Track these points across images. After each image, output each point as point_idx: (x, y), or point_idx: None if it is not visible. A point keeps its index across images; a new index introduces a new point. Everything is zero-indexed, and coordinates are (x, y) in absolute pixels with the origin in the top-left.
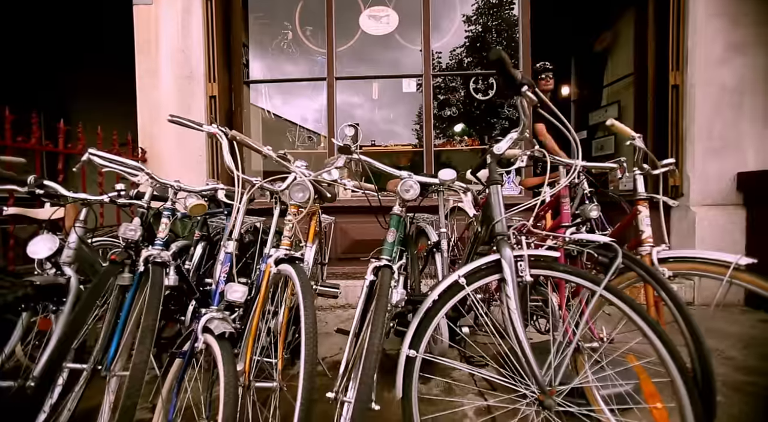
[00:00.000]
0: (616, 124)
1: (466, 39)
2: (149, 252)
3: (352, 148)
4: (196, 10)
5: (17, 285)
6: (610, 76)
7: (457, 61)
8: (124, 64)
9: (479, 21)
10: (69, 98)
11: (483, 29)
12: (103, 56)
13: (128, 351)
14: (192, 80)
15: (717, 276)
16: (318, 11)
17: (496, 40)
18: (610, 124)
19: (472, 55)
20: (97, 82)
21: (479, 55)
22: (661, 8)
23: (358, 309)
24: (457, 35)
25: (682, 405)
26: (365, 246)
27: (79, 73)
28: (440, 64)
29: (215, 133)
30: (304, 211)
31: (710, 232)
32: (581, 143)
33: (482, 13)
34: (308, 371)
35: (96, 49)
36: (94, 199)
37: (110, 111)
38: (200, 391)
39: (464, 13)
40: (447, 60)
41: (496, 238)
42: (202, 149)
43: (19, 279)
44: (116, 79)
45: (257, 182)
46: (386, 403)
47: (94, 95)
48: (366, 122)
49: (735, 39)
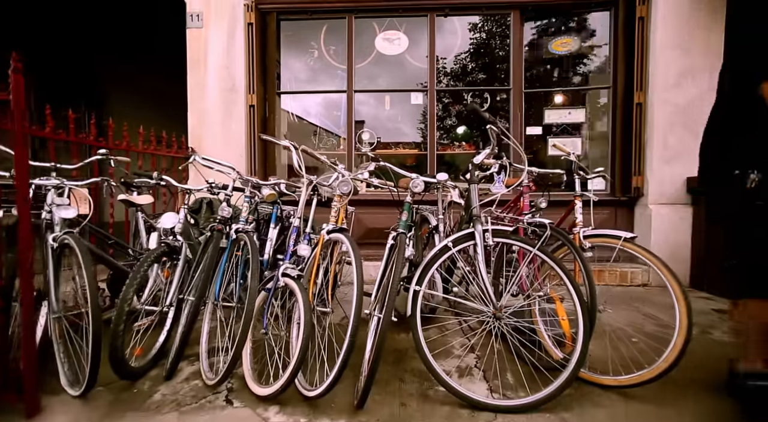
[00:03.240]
0: (558, 145)
1: (466, 58)
2: (238, 226)
3: (380, 159)
4: (239, 33)
5: (156, 247)
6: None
7: (458, 77)
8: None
9: (477, 44)
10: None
11: (480, 50)
12: (151, 58)
13: (224, 288)
14: (234, 92)
15: (613, 244)
16: (340, 33)
17: (489, 59)
18: (552, 144)
19: (469, 73)
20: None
21: (476, 73)
22: (628, 38)
23: (383, 261)
24: (458, 56)
25: (578, 319)
26: (377, 233)
27: (121, 71)
28: (443, 79)
29: (289, 146)
30: (346, 199)
31: (664, 225)
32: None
33: (479, 38)
34: (359, 297)
35: (147, 50)
36: (196, 188)
37: (140, 107)
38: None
39: (464, 38)
40: (449, 75)
41: (472, 218)
42: (242, 150)
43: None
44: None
45: (314, 180)
46: (396, 332)
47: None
48: (379, 128)
49: (686, 66)
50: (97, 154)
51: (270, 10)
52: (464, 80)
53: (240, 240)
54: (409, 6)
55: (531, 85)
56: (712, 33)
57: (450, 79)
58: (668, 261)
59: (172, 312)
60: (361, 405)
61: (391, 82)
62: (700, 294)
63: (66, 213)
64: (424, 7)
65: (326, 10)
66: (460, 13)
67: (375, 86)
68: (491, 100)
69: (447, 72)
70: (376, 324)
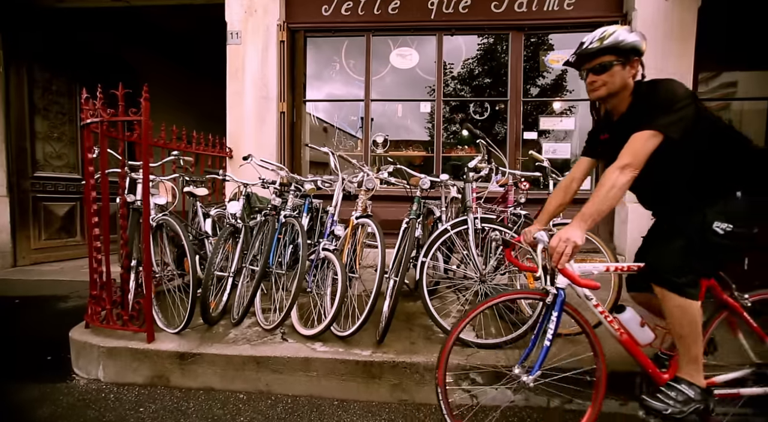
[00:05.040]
0: (534, 154)
1: (469, 71)
2: (286, 212)
3: (396, 162)
4: (272, 48)
5: (226, 228)
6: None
7: (462, 89)
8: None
9: (479, 59)
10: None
11: (481, 65)
12: (187, 68)
13: (277, 260)
14: (268, 100)
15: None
16: (359, 49)
17: (490, 72)
18: (530, 154)
19: (472, 84)
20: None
21: (479, 86)
22: None
23: (398, 240)
24: (462, 69)
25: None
26: (389, 224)
27: (162, 76)
28: (449, 89)
29: (328, 152)
30: (370, 193)
31: (638, 221)
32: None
33: (481, 54)
34: (382, 261)
35: (184, 61)
36: (252, 183)
37: (175, 111)
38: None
39: (468, 54)
40: (454, 87)
41: (466, 209)
42: (273, 150)
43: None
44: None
45: (345, 178)
46: (406, 301)
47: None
48: (392, 132)
49: None
50: (171, 155)
51: (298, 29)
52: (468, 91)
53: (288, 223)
54: (420, 26)
55: (527, 94)
56: (682, 58)
57: (455, 90)
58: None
59: (230, 278)
60: (381, 340)
61: (403, 92)
62: None
63: (159, 200)
64: (433, 27)
65: (347, 29)
66: (464, 32)
67: (389, 96)
68: (492, 108)
69: (452, 83)
70: (392, 285)
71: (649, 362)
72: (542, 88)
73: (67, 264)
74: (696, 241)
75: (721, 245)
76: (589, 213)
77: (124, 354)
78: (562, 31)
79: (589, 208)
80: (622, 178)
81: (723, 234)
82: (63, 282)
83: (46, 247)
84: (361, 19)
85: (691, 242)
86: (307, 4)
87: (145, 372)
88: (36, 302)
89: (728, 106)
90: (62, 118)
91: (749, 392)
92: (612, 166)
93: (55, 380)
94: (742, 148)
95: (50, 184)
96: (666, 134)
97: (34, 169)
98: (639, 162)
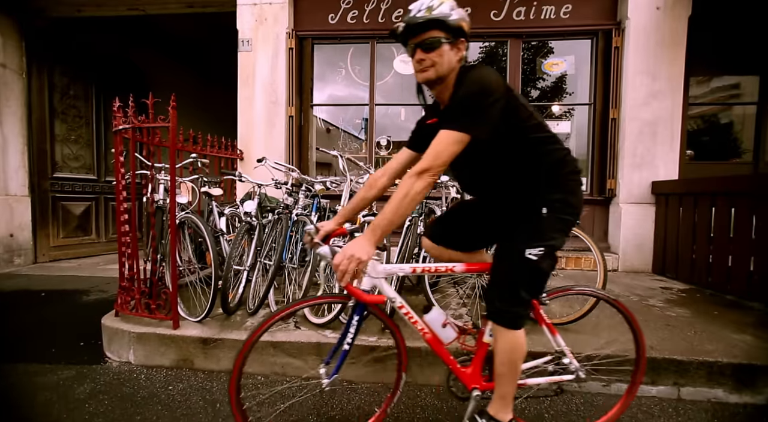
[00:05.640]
0: None
1: None
2: (298, 211)
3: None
4: (282, 55)
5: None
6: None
7: None
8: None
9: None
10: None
11: None
12: (196, 72)
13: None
14: (277, 104)
15: None
16: (364, 56)
17: None
18: None
19: None
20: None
21: None
22: (606, 64)
23: (402, 236)
24: None
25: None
26: None
27: (171, 80)
28: None
29: (337, 155)
30: None
31: (632, 221)
32: None
33: (481, 59)
34: (385, 263)
35: (194, 66)
36: (265, 183)
37: (184, 114)
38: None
39: (469, 60)
40: None
41: None
42: (281, 151)
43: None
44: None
45: (353, 178)
46: (409, 294)
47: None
48: (395, 135)
49: (652, 89)
50: (190, 157)
51: (306, 37)
52: None
53: (300, 221)
54: None
55: (526, 98)
56: (674, 64)
57: None
58: (634, 250)
59: (246, 272)
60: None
61: (406, 96)
62: (657, 277)
63: (181, 199)
64: None
65: (353, 36)
66: None
67: (392, 100)
68: None
69: None
70: (396, 279)
71: (453, 360)
72: (540, 91)
73: (84, 261)
74: (519, 272)
75: (540, 269)
76: (380, 225)
77: (152, 340)
78: (559, 38)
79: (381, 219)
80: (419, 184)
81: (536, 259)
82: (82, 278)
83: (63, 245)
84: (366, 26)
85: (516, 274)
86: (314, 13)
87: (171, 355)
88: (61, 295)
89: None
90: (79, 121)
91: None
92: (410, 171)
93: (90, 362)
94: (546, 155)
95: (68, 184)
96: (473, 135)
97: (53, 169)
98: (440, 165)
